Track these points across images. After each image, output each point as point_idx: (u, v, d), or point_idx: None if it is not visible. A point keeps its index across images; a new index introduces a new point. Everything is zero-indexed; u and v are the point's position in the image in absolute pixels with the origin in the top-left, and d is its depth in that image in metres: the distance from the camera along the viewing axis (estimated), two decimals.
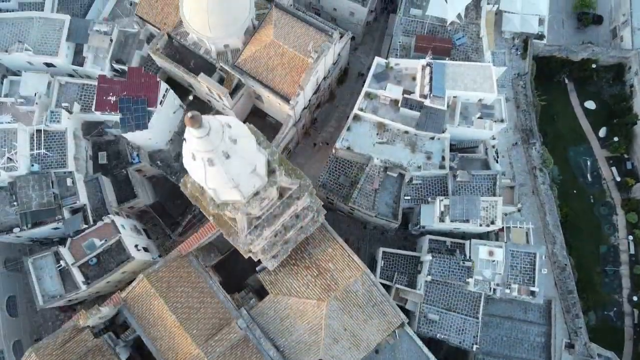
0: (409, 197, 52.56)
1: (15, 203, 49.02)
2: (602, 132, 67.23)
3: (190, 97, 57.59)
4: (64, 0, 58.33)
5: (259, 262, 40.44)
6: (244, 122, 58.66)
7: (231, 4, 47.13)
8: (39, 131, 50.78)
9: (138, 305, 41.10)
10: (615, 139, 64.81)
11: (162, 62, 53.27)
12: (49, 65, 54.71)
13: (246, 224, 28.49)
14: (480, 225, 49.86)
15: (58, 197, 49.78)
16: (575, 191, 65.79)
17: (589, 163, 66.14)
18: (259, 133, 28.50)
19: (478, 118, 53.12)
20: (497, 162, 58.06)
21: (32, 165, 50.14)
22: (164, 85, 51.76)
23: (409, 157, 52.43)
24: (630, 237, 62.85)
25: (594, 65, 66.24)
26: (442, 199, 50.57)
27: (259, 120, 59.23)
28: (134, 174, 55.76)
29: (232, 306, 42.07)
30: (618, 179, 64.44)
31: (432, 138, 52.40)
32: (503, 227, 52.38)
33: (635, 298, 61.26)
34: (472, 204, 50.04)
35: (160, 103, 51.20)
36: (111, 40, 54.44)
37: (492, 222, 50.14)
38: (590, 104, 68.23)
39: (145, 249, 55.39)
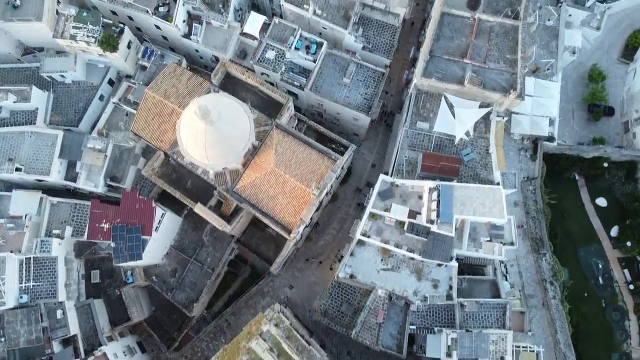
0: (414, 327, 50.25)
1: (2, 339, 46.83)
2: (614, 231, 64.81)
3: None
4: (57, 106, 56.14)
5: None
6: (244, 232, 57.87)
7: (230, 137, 44.99)
8: (28, 259, 48.65)
9: None
10: (629, 243, 62.35)
11: (158, 183, 51.13)
12: (40, 180, 52.73)
13: None
14: None
15: (47, 330, 47.62)
16: (586, 294, 63.32)
17: (600, 265, 63.63)
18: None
19: (487, 241, 50.99)
20: (506, 278, 55.82)
21: (21, 297, 47.94)
22: (159, 211, 49.58)
23: (414, 285, 50.18)
24: None
25: (605, 164, 63.99)
26: (449, 332, 48.35)
27: (259, 231, 57.24)
28: (129, 292, 53.52)
29: None
30: (632, 287, 61.86)
31: (439, 265, 50.18)
32: (512, 350, 50.23)
33: None
34: (480, 340, 47.87)
35: (156, 230, 49.02)
36: (106, 156, 52.45)
37: (502, 358, 47.97)
38: (602, 201, 65.82)
39: None
